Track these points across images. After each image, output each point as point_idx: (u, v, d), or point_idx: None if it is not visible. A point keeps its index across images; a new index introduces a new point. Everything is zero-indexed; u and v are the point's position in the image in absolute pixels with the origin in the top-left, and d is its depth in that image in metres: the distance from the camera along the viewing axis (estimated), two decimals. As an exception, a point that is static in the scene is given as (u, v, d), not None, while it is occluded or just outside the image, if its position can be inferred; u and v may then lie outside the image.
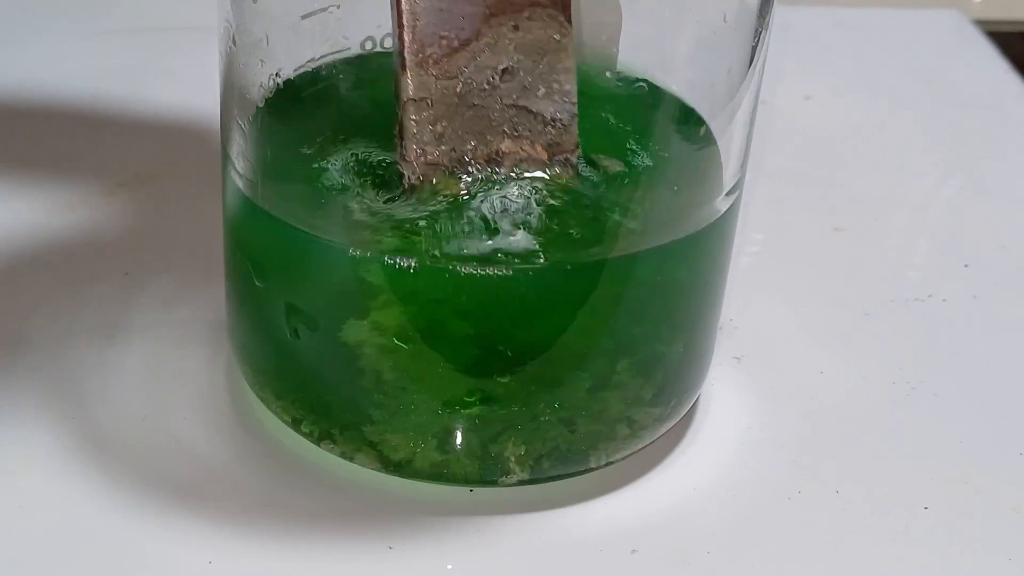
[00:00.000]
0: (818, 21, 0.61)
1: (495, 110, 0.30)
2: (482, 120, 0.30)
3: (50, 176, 0.45)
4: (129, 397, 0.36)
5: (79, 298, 0.39)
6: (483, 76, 0.29)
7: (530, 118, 0.30)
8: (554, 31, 0.30)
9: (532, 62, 0.30)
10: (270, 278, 0.33)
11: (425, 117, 0.29)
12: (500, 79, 0.29)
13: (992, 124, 0.54)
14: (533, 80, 0.30)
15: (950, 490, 0.35)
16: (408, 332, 0.31)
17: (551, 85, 0.30)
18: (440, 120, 0.30)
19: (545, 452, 0.33)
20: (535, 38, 0.30)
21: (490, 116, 0.30)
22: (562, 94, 0.30)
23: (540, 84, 0.30)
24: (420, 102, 0.29)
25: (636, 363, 0.33)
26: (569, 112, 0.30)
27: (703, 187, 0.33)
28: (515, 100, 0.30)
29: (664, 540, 0.33)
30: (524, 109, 0.30)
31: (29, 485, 0.33)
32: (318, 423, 0.33)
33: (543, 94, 0.30)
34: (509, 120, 0.30)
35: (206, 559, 0.31)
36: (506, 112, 0.30)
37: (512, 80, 0.30)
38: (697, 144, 0.33)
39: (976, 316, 0.42)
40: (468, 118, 0.30)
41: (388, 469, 0.33)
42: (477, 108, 0.30)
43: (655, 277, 0.32)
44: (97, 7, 0.57)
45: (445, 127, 0.30)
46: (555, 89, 0.30)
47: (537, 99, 0.30)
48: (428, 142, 0.30)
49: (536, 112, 0.30)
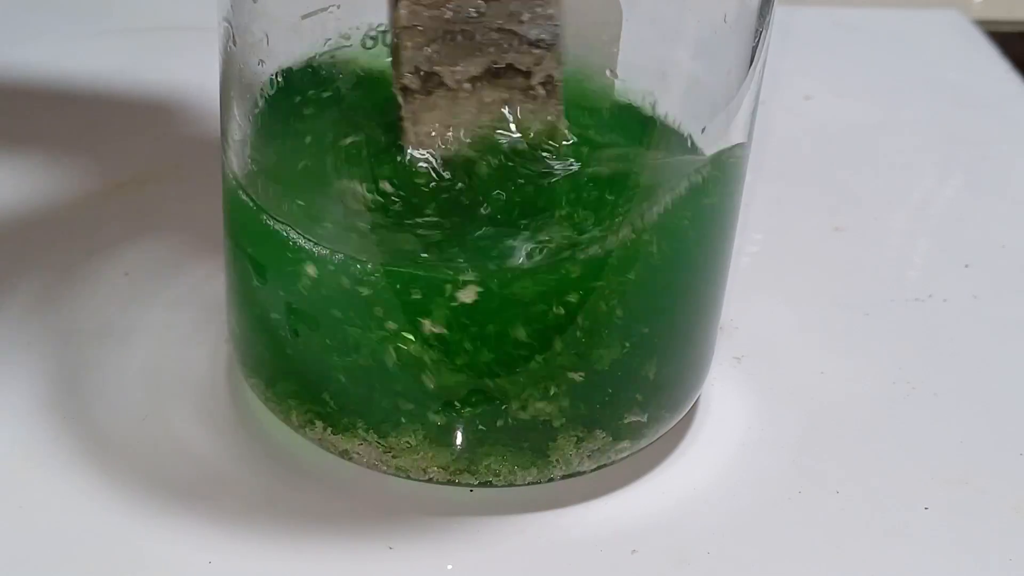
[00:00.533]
0: (818, 21, 0.61)
1: (482, 34, 0.31)
2: (470, 44, 0.31)
3: (50, 176, 0.45)
4: (129, 397, 0.36)
5: (79, 298, 0.39)
6: (468, 4, 0.31)
7: (515, 40, 0.31)
8: None
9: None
10: (270, 278, 0.33)
11: (417, 42, 0.31)
12: (486, 6, 0.31)
13: (992, 124, 0.54)
14: (518, 6, 0.31)
15: (950, 490, 0.35)
16: (407, 332, 0.31)
17: (534, 10, 0.31)
18: (431, 43, 0.31)
19: (544, 452, 0.33)
20: None
21: (477, 41, 0.31)
22: (545, 17, 0.31)
23: (524, 10, 0.31)
24: (411, 29, 0.31)
25: (636, 363, 0.33)
26: (552, 33, 0.31)
27: (702, 192, 0.33)
28: (501, 25, 0.31)
29: (664, 540, 0.33)
30: (509, 32, 0.31)
31: (29, 485, 0.33)
32: (317, 423, 0.33)
33: (528, 19, 0.31)
34: (495, 43, 0.31)
35: (206, 559, 0.31)
36: (491, 35, 0.31)
37: (498, 7, 0.31)
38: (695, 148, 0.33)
39: (976, 316, 0.42)
40: (457, 43, 0.31)
41: (388, 469, 0.33)
42: (465, 32, 0.31)
43: (656, 281, 0.32)
44: (97, 7, 0.57)
45: (436, 50, 0.31)
46: (538, 13, 0.31)
47: (521, 23, 0.31)
48: (421, 63, 0.31)
49: (521, 35, 0.31)
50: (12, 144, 0.47)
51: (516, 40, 0.31)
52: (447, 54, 0.31)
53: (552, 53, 0.32)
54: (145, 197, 0.44)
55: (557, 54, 0.32)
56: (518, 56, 0.32)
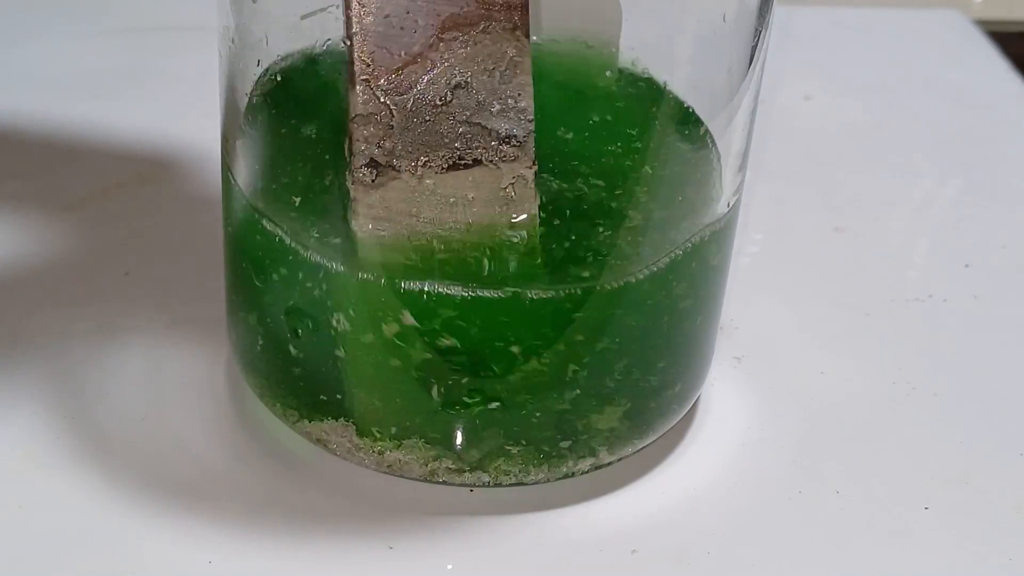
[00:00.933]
0: (818, 21, 0.61)
1: (448, 126, 0.29)
2: (434, 136, 0.29)
3: (50, 176, 0.45)
4: (129, 397, 0.36)
5: (79, 298, 0.39)
6: (435, 92, 0.29)
7: (484, 134, 0.29)
8: (509, 47, 0.29)
9: (486, 78, 0.29)
10: (269, 279, 0.33)
11: (374, 133, 0.29)
12: (452, 95, 0.29)
13: (992, 124, 0.54)
14: (487, 96, 0.29)
15: (950, 490, 0.35)
16: (407, 335, 0.31)
17: (506, 102, 0.29)
18: (389, 136, 0.29)
19: (544, 453, 0.33)
20: (489, 53, 0.29)
21: (442, 132, 0.29)
22: (517, 111, 0.29)
23: (495, 101, 0.29)
24: (368, 118, 0.29)
25: (636, 364, 0.33)
26: (524, 129, 0.29)
27: (702, 191, 0.33)
28: (468, 117, 0.29)
29: (664, 540, 0.33)
30: (478, 126, 0.29)
31: (29, 485, 0.33)
32: (317, 422, 0.33)
33: (498, 111, 0.29)
34: (462, 136, 0.29)
35: (206, 559, 0.31)
36: (459, 128, 0.29)
37: (465, 96, 0.29)
38: (696, 147, 0.33)
39: (976, 316, 0.42)
40: (419, 134, 0.29)
41: (387, 469, 0.33)
42: (429, 124, 0.29)
43: (655, 282, 0.32)
44: (97, 7, 0.57)
45: (396, 143, 0.29)
46: (510, 106, 0.29)
47: (491, 116, 0.29)
48: (377, 156, 0.29)
49: (490, 129, 0.29)
50: (12, 144, 0.47)
51: (485, 135, 0.29)
52: (407, 146, 0.29)
53: (524, 151, 0.30)
54: (145, 197, 0.44)
55: (529, 152, 0.30)
56: (486, 153, 0.29)
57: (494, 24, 0.28)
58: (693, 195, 0.33)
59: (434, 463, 0.33)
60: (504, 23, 0.28)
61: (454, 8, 0.28)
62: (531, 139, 0.30)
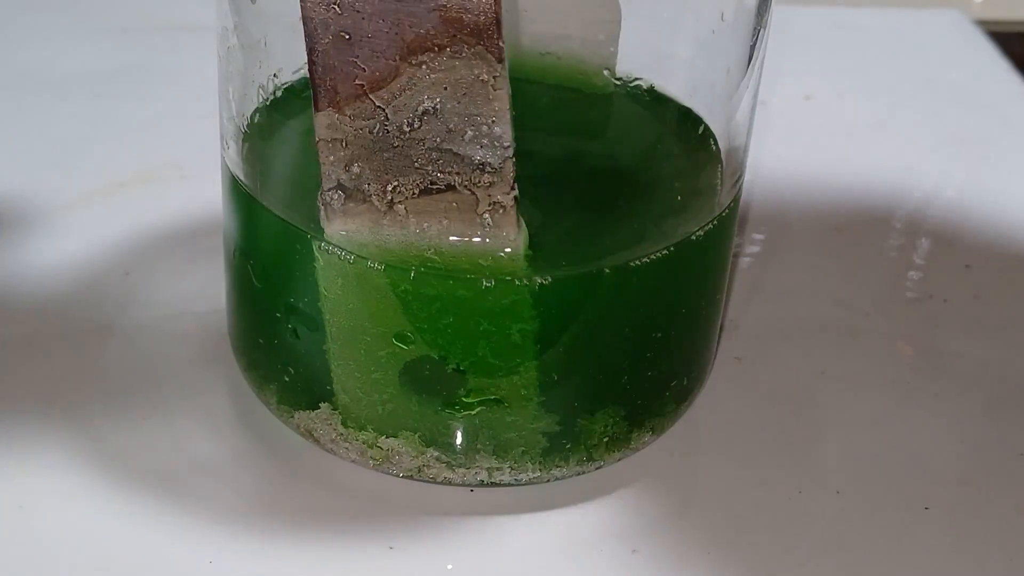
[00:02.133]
0: (818, 21, 0.61)
1: (418, 152, 0.28)
2: (404, 161, 0.28)
3: (50, 176, 0.45)
4: (130, 397, 0.36)
5: (79, 298, 0.39)
6: (402, 117, 0.28)
7: (457, 161, 0.28)
8: (482, 71, 0.27)
9: (456, 103, 0.27)
10: (269, 278, 0.33)
11: (340, 157, 0.28)
12: (420, 121, 0.28)
13: (992, 124, 0.54)
14: (458, 123, 0.28)
15: (950, 490, 0.35)
16: (406, 332, 0.31)
17: (479, 128, 0.28)
18: (356, 161, 0.28)
19: (544, 452, 0.33)
20: (459, 78, 0.27)
21: (412, 158, 0.28)
22: (492, 137, 0.28)
23: (467, 127, 0.28)
24: (333, 143, 0.28)
25: (636, 364, 0.33)
26: (500, 156, 0.28)
27: (702, 191, 0.33)
28: (439, 143, 0.28)
29: (664, 540, 0.33)
30: (449, 152, 0.28)
31: (29, 485, 0.33)
32: (318, 422, 0.33)
33: (470, 137, 0.28)
34: (433, 162, 0.28)
35: (206, 559, 0.31)
36: (430, 155, 0.28)
37: (435, 122, 0.28)
38: (696, 148, 0.33)
39: (976, 316, 0.42)
40: (386, 159, 0.28)
41: (388, 469, 0.33)
42: (397, 150, 0.28)
43: (655, 281, 0.32)
44: (97, 7, 0.57)
45: (362, 168, 0.28)
46: (484, 132, 0.28)
47: (463, 143, 0.28)
48: (344, 180, 0.28)
49: (464, 156, 0.28)
50: (12, 144, 0.47)
51: (458, 161, 0.28)
52: (376, 171, 0.28)
53: (500, 177, 0.28)
54: (145, 197, 0.44)
55: (508, 178, 0.28)
56: (460, 178, 0.28)
57: (464, 48, 0.27)
58: (692, 193, 0.33)
59: (424, 456, 0.33)
60: (473, 47, 0.27)
61: (418, 30, 0.27)
62: (509, 165, 0.28)
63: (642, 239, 0.32)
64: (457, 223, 0.29)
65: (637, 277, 0.32)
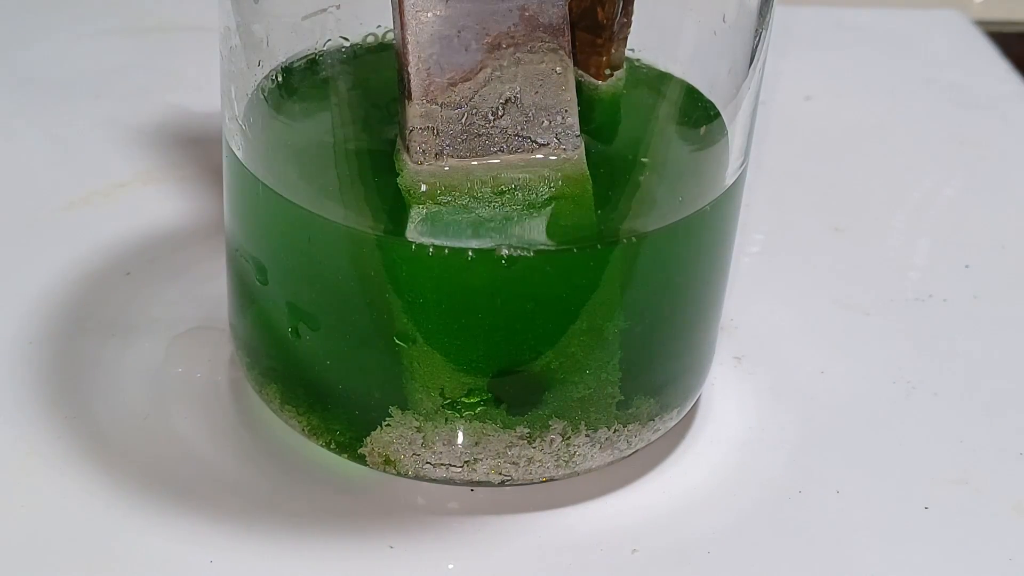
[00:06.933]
0: (818, 21, 0.61)
1: (498, 140, 0.30)
2: (485, 148, 0.30)
3: (50, 175, 0.45)
4: (130, 396, 0.36)
5: (79, 298, 0.39)
6: (487, 106, 0.30)
7: (535, 148, 0.31)
8: (555, 64, 0.30)
9: (534, 94, 0.30)
10: (271, 277, 0.33)
11: (430, 143, 0.30)
12: (503, 110, 0.30)
13: (992, 124, 0.54)
14: (536, 112, 0.30)
15: (950, 490, 0.35)
16: (411, 328, 0.31)
17: (554, 118, 0.30)
18: (444, 149, 0.30)
19: (545, 452, 0.33)
20: (537, 70, 0.30)
21: (494, 142, 0.30)
22: (565, 127, 0.31)
23: (543, 116, 0.30)
24: (425, 131, 0.30)
25: (636, 363, 0.33)
26: (573, 144, 0.31)
27: (705, 184, 0.33)
28: (519, 131, 0.30)
29: (664, 540, 0.33)
30: (528, 139, 0.30)
31: (29, 485, 0.33)
32: (319, 422, 0.33)
33: (546, 126, 0.30)
34: (513, 151, 0.31)
35: (207, 558, 0.31)
36: (510, 143, 0.30)
37: (516, 111, 0.30)
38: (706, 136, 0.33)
39: (976, 316, 0.42)
40: (472, 146, 0.30)
41: (390, 469, 0.33)
42: (481, 138, 0.30)
43: (655, 275, 0.32)
44: (98, 7, 0.57)
45: (448, 148, 0.30)
46: (558, 122, 0.31)
47: (540, 131, 0.30)
48: (431, 159, 0.30)
49: (541, 143, 0.31)
50: (12, 144, 0.47)
51: (536, 149, 0.31)
52: (460, 151, 0.30)
53: (575, 158, 0.31)
54: (145, 197, 0.44)
55: (580, 161, 0.31)
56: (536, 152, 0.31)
57: (539, 44, 0.30)
58: (692, 190, 0.33)
59: (436, 463, 0.33)
60: (549, 43, 0.30)
61: (502, 27, 0.30)
62: (579, 154, 0.31)
63: (642, 236, 0.32)
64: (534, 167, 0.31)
65: (639, 279, 0.32)
